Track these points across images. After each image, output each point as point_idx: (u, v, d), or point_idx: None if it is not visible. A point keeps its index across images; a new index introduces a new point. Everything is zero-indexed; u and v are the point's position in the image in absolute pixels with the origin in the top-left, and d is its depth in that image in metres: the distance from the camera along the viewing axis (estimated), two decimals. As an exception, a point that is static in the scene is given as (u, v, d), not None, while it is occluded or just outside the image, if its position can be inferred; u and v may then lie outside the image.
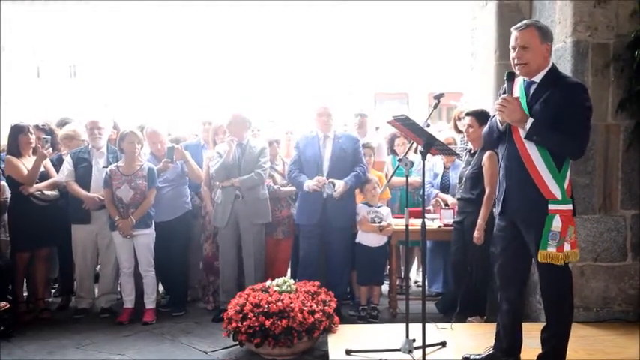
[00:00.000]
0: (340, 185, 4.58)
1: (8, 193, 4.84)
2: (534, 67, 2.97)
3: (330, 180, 4.60)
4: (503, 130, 3.06)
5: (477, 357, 3.34)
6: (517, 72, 3.04)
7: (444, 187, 5.06)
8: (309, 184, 4.60)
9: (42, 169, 4.83)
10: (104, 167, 4.85)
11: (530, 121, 2.90)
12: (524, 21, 3.11)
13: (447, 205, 4.84)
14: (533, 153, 2.92)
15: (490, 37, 4.75)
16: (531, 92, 2.99)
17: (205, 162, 5.10)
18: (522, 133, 2.94)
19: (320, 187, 4.56)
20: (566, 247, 2.87)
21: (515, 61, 3.00)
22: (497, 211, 3.29)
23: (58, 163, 5.02)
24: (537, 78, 2.98)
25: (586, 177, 4.04)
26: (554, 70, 3.00)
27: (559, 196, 2.88)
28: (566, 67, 4.00)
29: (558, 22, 4.13)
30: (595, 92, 3.99)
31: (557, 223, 2.87)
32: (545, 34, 2.96)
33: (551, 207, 2.89)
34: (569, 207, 2.88)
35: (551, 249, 2.88)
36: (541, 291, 3.04)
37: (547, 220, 2.88)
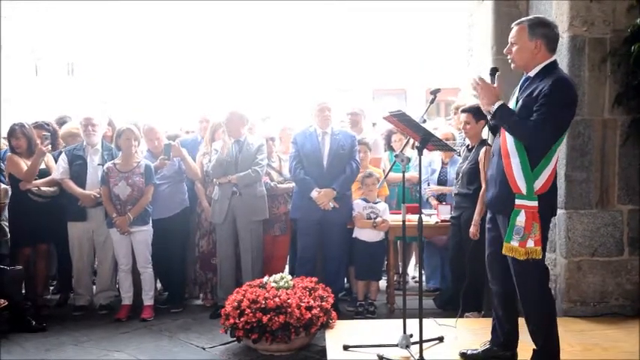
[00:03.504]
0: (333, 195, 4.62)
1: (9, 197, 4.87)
2: (521, 63, 3.01)
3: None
4: (492, 123, 3.10)
5: (474, 352, 3.34)
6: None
7: (442, 183, 5.05)
8: (317, 197, 4.58)
9: (43, 165, 4.86)
10: (99, 164, 4.84)
11: (498, 103, 2.92)
12: (526, 17, 3.09)
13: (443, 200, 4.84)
14: (510, 145, 2.92)
15: (487, 33, 4.75)
16: (524, 86, 3.01)
17: (198, 159, 5.09)
18: (489, 117, 3.02)
19: (329, 207, 4.59)
20: (530, 243, 2.84)
21: (508, 56, 3.06)
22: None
23: None
24: (532, 73, 2.99)
25: (583, 172, 4.05)
26: (549, 65, 2.96)
27: (524, 191, 2.87)
28: (562, 62, 3.99)
29: (555, 17, 4.12)
30: (592, 87, 4.01)
31: (521, 218, 2.86)
32: (534, 31, 2.94)
33: (517, 201, 2.89)
34: (535, 204, 2.85)
35: (514, 243, 2.88)
36: (516, 285, 3.03)
37: (512, 214, 2.89)
